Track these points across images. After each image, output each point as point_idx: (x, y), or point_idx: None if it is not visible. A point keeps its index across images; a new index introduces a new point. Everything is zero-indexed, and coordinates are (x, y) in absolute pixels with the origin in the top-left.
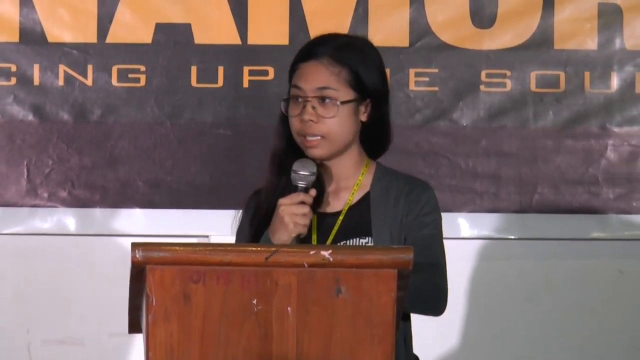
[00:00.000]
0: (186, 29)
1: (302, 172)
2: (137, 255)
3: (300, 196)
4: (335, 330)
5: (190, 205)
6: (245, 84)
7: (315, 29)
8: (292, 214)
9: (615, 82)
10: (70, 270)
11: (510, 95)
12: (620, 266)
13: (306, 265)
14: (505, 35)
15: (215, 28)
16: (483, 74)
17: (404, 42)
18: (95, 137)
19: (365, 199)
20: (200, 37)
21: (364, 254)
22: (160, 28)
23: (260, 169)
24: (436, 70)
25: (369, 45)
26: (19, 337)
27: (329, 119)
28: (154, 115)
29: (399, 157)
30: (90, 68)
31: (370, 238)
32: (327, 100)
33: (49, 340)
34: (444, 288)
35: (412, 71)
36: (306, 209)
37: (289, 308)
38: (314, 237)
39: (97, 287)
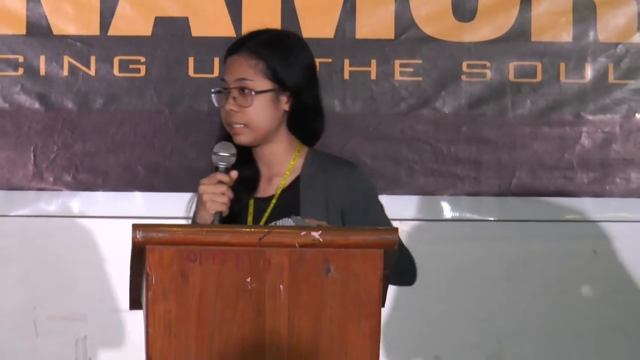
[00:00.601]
0: (184, 22)
1: (222, 154)
2: (137, 236)
3: (218, 176)
4: (324, 307)
5: (188, 188)
6: None
7: (306, 22)
8: (211, 192)
9: (589, 72)
10: (74, 250)
11: (490, 84)
12: (594, 246)
13: (297, 245)
14: (485, 28)
15: (211, 21)
16: (464, 64)
17: (390, 35)
18: (98, 125)
19: (296, 182)
20: (197, 30)
21: (352, 235)
22: (159, 21)
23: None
24: (420, 61)
25: (294, 40)
26: (25, 314)
27: (247, 108)
28: (154, 104)
29: (384, 143)
30: (93, 59)
31: (299, 218)
32: (245, 91)
33: (54, 316)
34: (413, 258)
35: (397, 62)
36: (223, 188)
37: (281, 286)
38: (249, 219)
39: (100, 266)
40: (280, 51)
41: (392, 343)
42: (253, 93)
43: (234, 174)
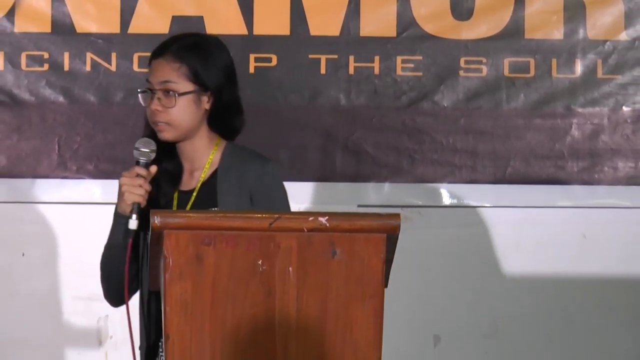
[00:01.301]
0: (199, 20)
1: (142, 149)
2: (156, 222)
3: (136, 169)
4: (330, 287)
5: None
6: (252, 70)
7: (313, 21)
8: (129, 184)
9: (579, 68)
10: (95, 234)
11: (486, 79)
12: (583, 231)
13: (305, 230)
14: (482, 27)
15: (224, 20)
16: (462, 60)
17: (392, 33)
18: (118, 117)
19: (214, 175)
20: (211, 28)
21: (356, 220)
22: (175, 20)
23: (264, 143)
24: (420, 58)
25: (214, 44)
26: (51, 294)
27: (171, 108)
28: None
29: (387, 134)
30: (114, 55)
31: (216, 209)
32: (169, 93)
33: (77, 296)
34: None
35: (398, 58)
36: (141, 181)
37: (290, 268)
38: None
39: None
40: (200, 54)
41: (393, 322)
42: (176, 95)
43: (153, 168)
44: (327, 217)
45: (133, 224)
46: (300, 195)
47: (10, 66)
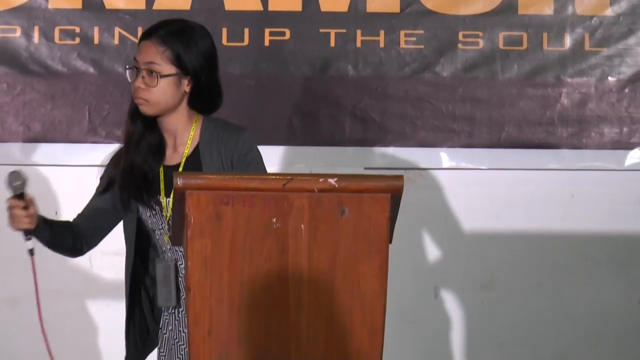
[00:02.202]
0: None
1: (13, 184)
2: (178, 182)
3: (10, 202)
4: (340, 243)
5: None
6: (267, 43)
7: None
8: (14, 215)
9: (568, 41)
10: None
11: (482, 52)
12: (572, 191)
13: (316, 190)
14: (478, 3)
15: None
16: (460, 34)
17: (396, 9)
18: None
19: (197, 149)
20: (230, 4)
21: (363, 182)
22: None
23: (278, 111)
24: (422, 32)
25: (199, 32)
26: None
27: (153, 87)
28: None
29: (391, 102)
30: (139, 30)
31: None
32: (153, 73)
33: (105, 251)
34: None
35: (402, 32)
36: (21, 211)
37: (302, 225)
38: (161, 186)
39: None
40: (184, 40)
41: (397, 275)
42: (159, 76)
43: (29, 197)
44: (336, 179)
45: (30, 244)
46: (312, 158)
47: (44, 40)
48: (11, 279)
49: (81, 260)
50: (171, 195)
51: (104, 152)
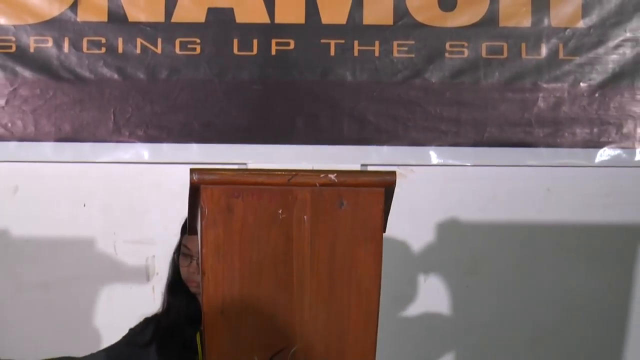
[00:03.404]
0: (230, 11)
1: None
2: (194, 178)
3: None
4: (339, 233)
5: (233, 140)
6: (273, 52)
7: (324, 11)
8: None
9: (544, 50)
10: (144, 188)
11: (467, 60)
12: (548, 185)
13: (318, 185)
14: (464, 16)
15: (250, 11)
16: (447, 44)
17: (389, 22)
18: (163, 91)
19: None
20: (240, 17)
21: (360, 177)
22: (210, 11)
23: (284, 112)
24: (413, 42)
25: None
26: (107, 238)
27: None
28: (206, 75)
29: (385, 105)
30: (159, 40)
31: None
32: None
33: (129, 240)
34: None
35: (395, 43)
36: None
37: (305, 216)
38: (199, 350)
39: (165, 201)
40: None
41: (390, 261)
42: None
43: None
44: (335, 174)
45: None
46: (313, 156)
47: (73, 49)
48: (42, 265)
49: (106, 248)
50: None
51: (127, 150)
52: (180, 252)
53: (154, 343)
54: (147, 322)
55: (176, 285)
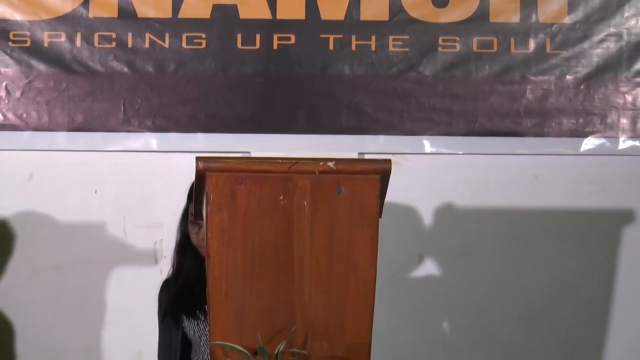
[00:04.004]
0: (234, 8)
1: None
2: (200, 166)
3: None
4: (337, 217)
5: (237, 130)
6: (275, 47)
7: (324, 8)
8: None
9: (531, 45)
10: (153, 176)
11: (459, 54)
12: (535, 172)
13: (317, 172)
14: (456, 12)
15: (253, 7)
16: (440, 39)
17: (385, 17)
18: (171, 84)
19: None
20: (243, 13)
21: (357, 165)
22: (215, 8)
23: (285, 104)
24: (407, 37)
25: None
26: (117, 223)
27: None
28: (211, 69)
29: (381, 97)
30: (167, 35)
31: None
32: None
33: (138, 224)
34: None
35: (390, 37)
36: None
37: (305, 202)
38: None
39: (172, 187)
40: None
41: (386, 245)
42: None
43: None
44: (334, 162)
45: None
46: (313, 145)
47: (85, 44)
48: (56, 248)
49: (117, 232)
50: None
51: (136, 139)
52: (189, 220)
53: (167, 299)
54: (161, 290)
55: (185, 247)
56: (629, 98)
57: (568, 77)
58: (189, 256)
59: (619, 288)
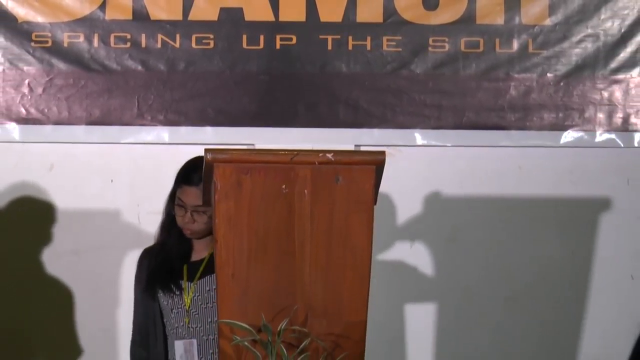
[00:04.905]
0: (239, 11)
1: None
2: (208, 157)
3: None
4: (335, 204)
5: (243, 124)
6: (277, 46)
7: (323, 10)
8: None
9: (515, 45)
10: (165, 166)
11: (448, 53)
12: (519, 163)
13: (317, 163)
14: (445, 15)
15: (257, 10)
16: (430, 39)
17: (380, 19)
18: (181, 81)
19: None
20: (249, 16)
21: (354, 156)
22: (223, 10)
23: (287, 100)
24: (400, 38)
25: None
26: (132, 210)
27: (199, 222)
28: (219, 67)
29: (376, 93)
30: (178, 36)
31: None
32: (199, 213)
33: (151, 211)
34: None
35: (384, 38)
36: None
37: (305, 191)
38: (184, 276)
39: None
40: None
41: (380, 230)
42: (206, 215)
43: None
44: (332, 154)
45: None
46: (313, 137)
47: (102, 44)
48: (74, 233)
49: (131, 219)
50: (194, 280)
51: (149, 132)
52: (175, 203)
53: (147, 270)
54: (142, 258)
55: (170, 227)
56: (605, 94)
57: (549, 74)
58: (173, 236)
59: (596, 270)
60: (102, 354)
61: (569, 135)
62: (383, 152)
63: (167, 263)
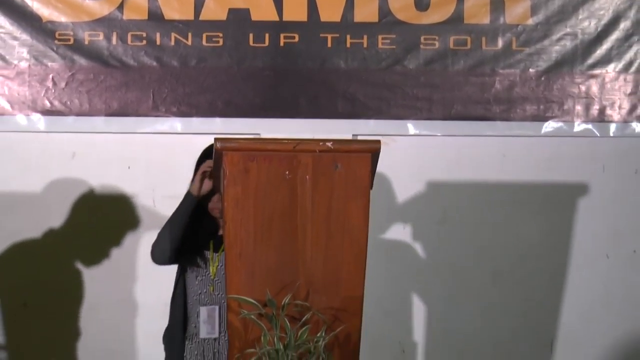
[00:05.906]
0: (246, 11)
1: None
2: (218, 145)
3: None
4: (334, 190)
5: (249, 115)
6: (282, 44)
7: (323, 10)
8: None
9: (500, 43)
10: (178, 153)
11: (438, 50)
12: (503, 152)
13: (317, 151)
14: (435, 15)
15: (263, 10)
16: (422, 38)
17: (375, 19)
18: (193, 76)
19: None
20: (255, 16)
21: (351, 145)
22: (231, 11)
23: (290, 94)
24: (394, 36)
25: None
26: (147, 194)
27: None
28: (228, 63)
29: (372, 87)
30: (190, 34)
31: None
32: None
33: (166, 195)
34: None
35: (379, 36)
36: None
37: (307, 177)
38: (211, 248)
39: (194, 163)
40: None
41: (375, 213)
42: None
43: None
44: (332, 142)
45: None
46: (314, 128)
47: (120, 42)
48: (95, 215)
49: (147, 202)
50: (220, 250)
51: (164, 123)
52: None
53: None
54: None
55: (194, 212)
56: (583, 88)
57: (531, 70)
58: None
59: (574, 249)
60: (120, 323)
61: (549, 126)
62: (378, 141)
63: (194, 241)
